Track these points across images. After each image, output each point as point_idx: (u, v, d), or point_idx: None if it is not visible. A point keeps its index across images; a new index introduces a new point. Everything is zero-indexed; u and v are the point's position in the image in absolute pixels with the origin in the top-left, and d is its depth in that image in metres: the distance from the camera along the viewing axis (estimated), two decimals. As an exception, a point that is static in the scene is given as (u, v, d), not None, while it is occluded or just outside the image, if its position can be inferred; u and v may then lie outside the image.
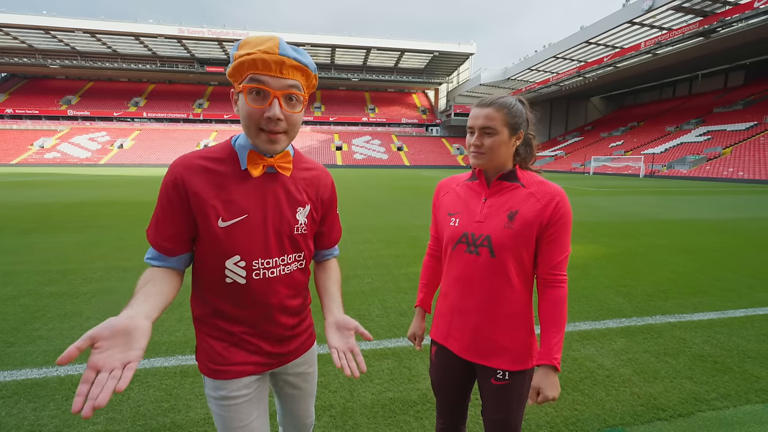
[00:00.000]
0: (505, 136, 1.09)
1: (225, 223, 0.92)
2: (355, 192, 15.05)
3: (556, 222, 1.07)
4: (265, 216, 0.96)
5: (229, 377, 0.99)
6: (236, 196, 0.92)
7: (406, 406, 2.11)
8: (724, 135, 33.29)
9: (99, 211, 9.24)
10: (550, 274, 1.10)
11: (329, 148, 55.31)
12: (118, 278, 4.21)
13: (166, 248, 0.92)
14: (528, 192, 1.10)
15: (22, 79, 59.03)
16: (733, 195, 15.49)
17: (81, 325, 3.04)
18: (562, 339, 1.08)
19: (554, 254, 1.09)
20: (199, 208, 0.90)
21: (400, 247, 5.69)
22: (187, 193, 0.89)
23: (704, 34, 29.44)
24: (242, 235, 0.93)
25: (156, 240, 0.92)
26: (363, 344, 2.79)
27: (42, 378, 2.31)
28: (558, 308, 1.08)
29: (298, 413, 1.20)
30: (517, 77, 50.12)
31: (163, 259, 0.94)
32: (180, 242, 0.93)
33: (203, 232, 0.92)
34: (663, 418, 2.02)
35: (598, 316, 3.32)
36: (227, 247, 0.93)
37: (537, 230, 1.08)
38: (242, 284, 0.95)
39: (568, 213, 1.09)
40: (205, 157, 0.93)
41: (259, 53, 0.83)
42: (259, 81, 0.84)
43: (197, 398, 2.14)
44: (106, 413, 2.01)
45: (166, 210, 0.90)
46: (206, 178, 0.91)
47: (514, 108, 1.09)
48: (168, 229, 0.91)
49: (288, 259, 1.01)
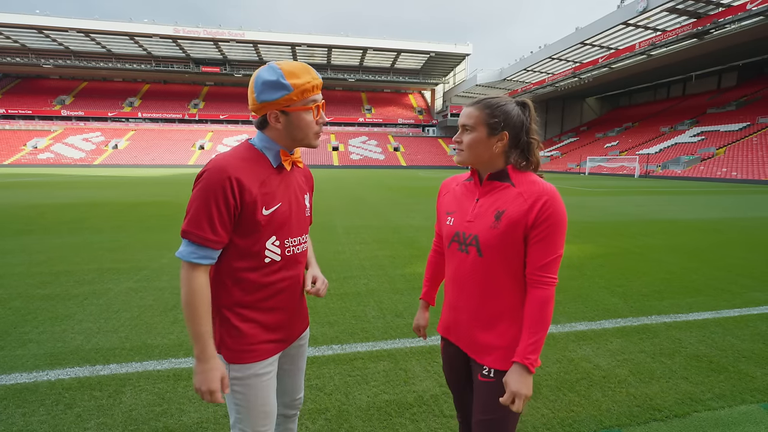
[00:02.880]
0: (482, 134, 1.09)
1: (267, 211, 1.10)
2: (352, 192, 15.02)
3: (542, 222, 1.04)
4: (290, 203, 1.17)
5: (259, 359, 1.13)
6: (273, 188, 1.12)
7: (401, 408, 2.09)
8: (717, 135, 33.57)
9: (93, 212, 9.16)
10: (536, 274, 1.07)
11: (326, 148, 55.22)
12: (111, 280, 4.16)
13: (215, 242, 1.03)
14: (517, 192, 1.09)
15: (15, 79, 58.45)
16: (726, 195, 15.62)
17: (72, 327, 3.00)
18: (541, 340, 1.05)
19: (541, 255, 1.05)
20: (250, 201, 1.05)
21: (396, 248, 5.67)
22: (241, 189, 1.03)
23: (698, 35, 29.68)
24: (278, 220, 1.12)
25: (206, 236, 1.01)
26: (359, 345, 2.78)
27: (32, 382, 2.27)
28: (539, 309, 1.05)
29: (292, 387, 1.34)
30: (512, 78, 50.26)
31: (211, 256, 1.04)
32: (228, 234, 1.05)
33: (249, 221, 1.07)
34: (659, 419, 2.02)
35: (594, 317, 3.32)
36: (268, 231, 1.11)
37: (523, 230, 1.06)
38: (278, 261, 1.15)
39: (556, 213, 1.04)
40: (243, 158, 1.08)
41: (315, 80, 1.10)
42: (316, 101, 1.12)
43: (190, 402, 2.11)
44: (98, 418, 1.98)
45: (220, 206, 1.01)
46: (251, 176, 1.06)
47: (497, 109, 1.09)
48: (221, 224, 1.02)
49: (304, 238, 1.25)
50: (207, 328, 1.03)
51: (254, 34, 49.21)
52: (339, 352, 2.69)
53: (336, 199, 12.41)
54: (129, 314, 3.27)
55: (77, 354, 2.61)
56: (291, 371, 1.31)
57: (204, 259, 1.03)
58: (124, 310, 3.35)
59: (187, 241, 1.02)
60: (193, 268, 1.02)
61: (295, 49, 53.13)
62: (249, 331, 1.12)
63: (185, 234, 1.01)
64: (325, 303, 3.54)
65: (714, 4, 27.96)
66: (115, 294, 3.75)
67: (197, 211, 1.00)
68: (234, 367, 1.11)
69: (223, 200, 1.01)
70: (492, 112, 1.09)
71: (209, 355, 1.03)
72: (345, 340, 2.87)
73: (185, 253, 1.02)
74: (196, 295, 1.02)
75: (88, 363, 2.50)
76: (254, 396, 1.12)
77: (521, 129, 1.11)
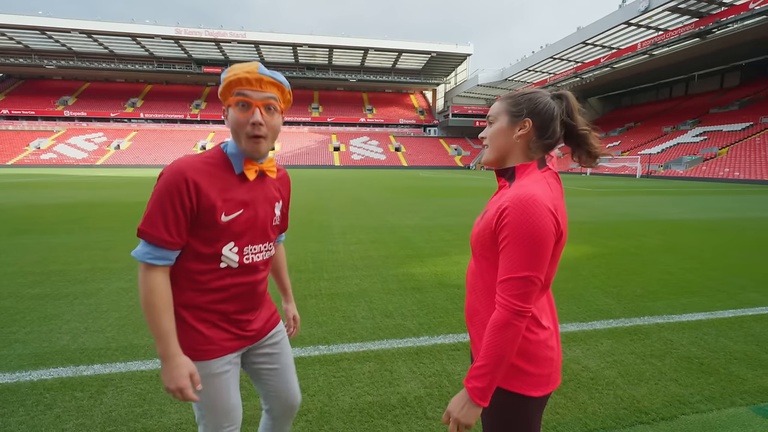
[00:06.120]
0: (503, 123, 1.03)
1: (227, 218, 1.08)
2: (351, 193, 15.01)
3: (500, 232, 0.94)
4: (255, 211, 1.14)
5: (214, 356, 1.12)
6: (235, 194, 1.09)
7: (384, 410, 2.06)
8: (720, 135, 33.40)
9: (91, 212, 9.17)
10: (497, 291, 0.94)
11: (327, 148, 55.28)
12: (102, 279, 4.15)
13: (172, 243, 1.01)
14: (506, 192, 1.04)
15: (18, 80, 58.82)
16: (728, 195, 15.52)
17: (60, 327, 2.99)
18: (489, 371, 0.91)
19: (501, 269, 0.93)
20: (207, 205, 1.03)
21: (390, 248, 5.65)
22: (198, 192, 1.01)
23: (700, 35, 29.56)
24: (238, 227, 1.10)
25: (162, 237, 0.99)
26: (345, 346, 2.75)
27: (14, 383, 2.26)
28: (491, 332, 0.92)
29: (285, 387, 1.32)
30: (514, 78, 50.20)
31: (167, 257, 1.02)
32: (185, 236, 1.04)
33: (206, 225, 1.05)
34: (645, 422, 1.98)
35: (585, 317, 3.28)
36: (226, 237, 1.08)
37: (490, 235, 0.99)
38: (235, 267, 1.12)
39: (518, 227, 0.89)
40: (205, 161, 1.06)
41: (243, 73, 1.04)
42: (244, 94, 1.05)
43: (171, 403, 2.09)
44: (77, 419, 1.96)
45: (176, 207, 0.99)
46: (211, 179, 1.05)
47: (521, 97, 1.04)
48: (176, 225, 1.00)
49: (268, 246, 1.22)
50: (168, 327, 1.02)
51: (255, 34, 49.35)
52: (326, 353, 2.67)
53: (334, 200, 12.39)
54: (117, 314, 3.26)
55: (62, 354, 2.59)
56: (276, 371, 1.30)
57: (160, 260, 1.01)
58: (113, 310, 3.34)
59: (143, 242, 1.01)
60: (150, 269, 1.01)
61: (297, 49, 53.26)
62: (204, 330, 1.11)
63: (141, 233, 0.99)
64: (315, 303, 3.52)
65: (716, 4, 27.84)
66: (105, 294, 3.74)
67: (153, 211, 0.99)
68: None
69: (179, 202, 0.99)
70: (515, 101, 1.04)
71: (173, 353, 1.02)
72: (332, 340, 2.85)
73: (141, 253, 1.00)
74: (155, 294, 1.00)
75: (72, 363, 2.48)
76: (213, 394, 1.12)
77: (551, 119, 1.01)
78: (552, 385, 1.03)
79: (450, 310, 3.41)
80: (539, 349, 1.00)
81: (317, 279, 4.25)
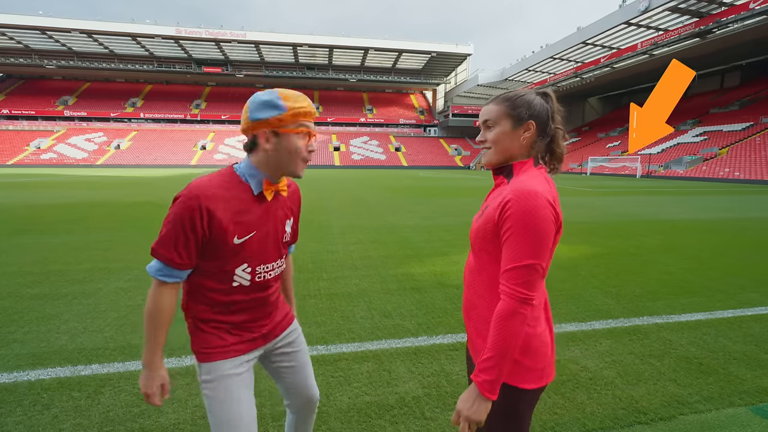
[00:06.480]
0: (506, 127, 1.05)
1: (239, 240, 1.11)
2: (351, 192, 15.01)
3: (503, 224, 0.97)
4: (267, 231, 1.18)
5: (224, 357, 1.16)
6: (249, 217, 1.13)
7: (382, 410, 2.06)
8: (720, 135, 33.38)
9: (91, 212, 9.17)
10: (501, 282, 0.98)
11: (327, 148, 55.27)
12: (101, 279, 4.15)
13: (181, 264, 1.06)
14: (507, 188, 1.06)
15: (18, 80, 58.84)
16: (728, 195, 15.52)
17: (58, 327, 2.99)
18: (498, 362, 0.93)
19: (506, 260, 0.97)
20: (219, 230, 1.07)
21: (390, 248, 5.65)
22: (211, 218, 1.05)
23: (700, 35, 29.55)
24: (251, 249, 1.15)
25: (173, 258, 1.05)
26: (343, 346, 2.75)
27: (12, 383, 2.25)
28: (497, 323, 0.94)
29: (305, 384, 1.37)
30: (514, 78, 50.20)
31: (177, 275, 1.08)
32: (195, 258, 1.08)
33: (219, 248, 1.09)
34: (643, 422, 1.98)
35: (585, 317, 3.28)
36: (238, 259, 1.13)
37: (493, 228, 1.01)
38: (246, 285, 1.17)
39: (518, 215, 0.94)
40: (221, 186, 1.09)
41: (309, 107, 1.13)
42: (307, 126, 1.13)
43: (169, 403, 2.09)
44: (74, 419, 1.96)
45: (187, 232, 1.04)
46: (225, 204, 1.08)
47: (517, 100, 1.06)
48: (186, 249, 1.05)
49: (279, 263, 1.26)
50: (162, 340, 1.10)
51: (256, 34, 49.35)
52: (324, 353, 2.66)
53: (334, 200, 12.39)
54: (116, 314, 3.25)
55: (60, 354, 2.59)
56: (294, 369, 1.35)
57: (170, 277, 1.07)
58: (112, 310, 3.33)
59: (156, 260, 1.07)
60: (161, 285, 1.07)
61: (297, 49, 53.24)
62: (216, 334, 1.17)
63: (154, 252, 1.05)
64: (314, 303, 3.52)
65: (716, 4, 27.83)
66: (104, 294, 3.73)
67: (167, 234, 1.04)
68: (204, 368, 1.14)
69: (191, 228, 1.04)
70: (513, 104, 1.05)
71: (156, 366, 1.11)
72: (331, 340, 2.85)
73: (154, 270, 1.07)
74: (160, 311, 1.07)
75: (70, 363, 2.48)
76: (222, 398, 1.13)
77: (547, 118, 1.06)
78: (546, 379, 1.05)
79: (449, 310, 3.41)
80: (535, 343, 1.03)
81: (316, 279, 4.25)
